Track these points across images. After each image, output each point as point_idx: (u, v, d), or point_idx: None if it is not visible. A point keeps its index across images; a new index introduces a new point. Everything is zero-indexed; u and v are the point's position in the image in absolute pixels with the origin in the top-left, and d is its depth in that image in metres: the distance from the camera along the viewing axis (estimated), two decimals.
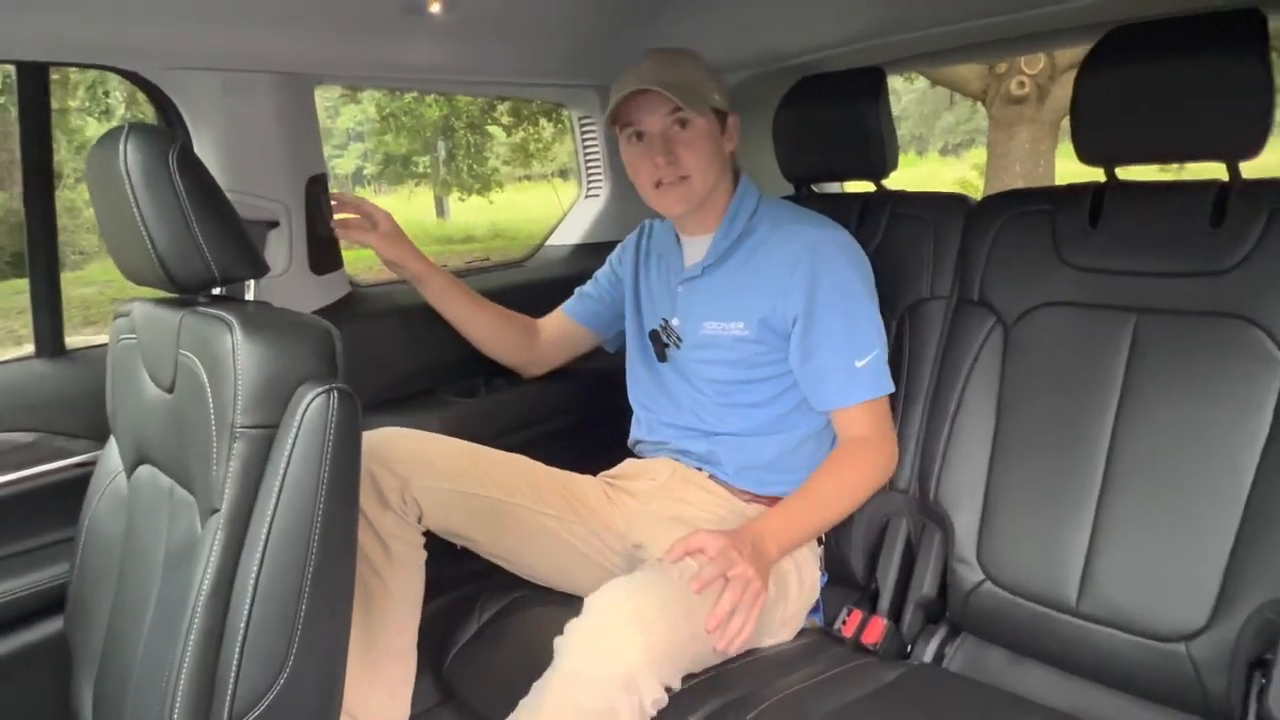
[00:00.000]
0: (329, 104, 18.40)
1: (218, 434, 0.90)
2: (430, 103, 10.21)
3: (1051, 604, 1.20)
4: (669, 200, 1.37)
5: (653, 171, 1.34)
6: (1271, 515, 1.05)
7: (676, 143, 1.32)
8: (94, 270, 9.05)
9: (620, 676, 1.01)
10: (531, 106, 9.44)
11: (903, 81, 15.67)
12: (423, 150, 12.40)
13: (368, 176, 19.89)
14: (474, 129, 10.70)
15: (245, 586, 0.87)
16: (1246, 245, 1.12)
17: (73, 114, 8.25)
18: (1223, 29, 1.12)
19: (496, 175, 11.92)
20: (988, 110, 7.75)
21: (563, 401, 1.75)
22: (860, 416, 1.32)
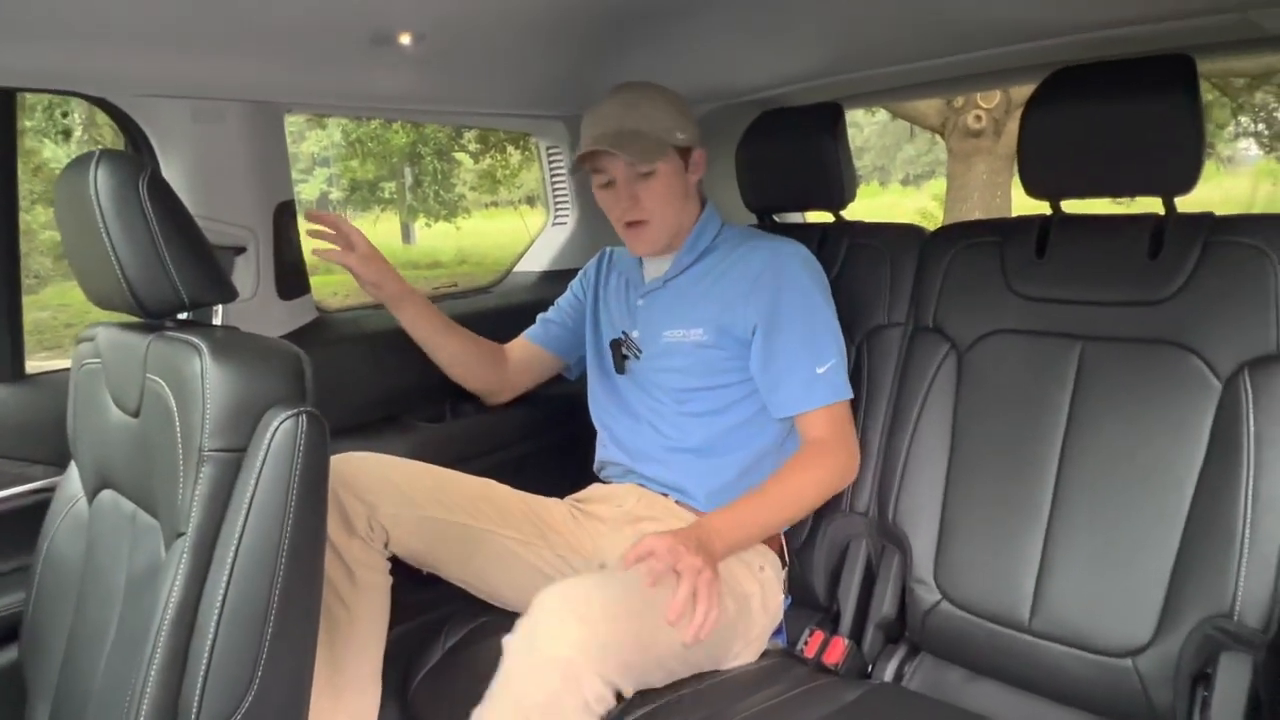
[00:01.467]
0: (295, 129, 18.30)
1: (184, 458, 0.90)
2: (397, 129, 10.21)
3: (1005, 622, 1.24)
4: (637, 242, 1.44)
5: (620, 214, 1.42)
6: (1209, 533, 1.10)
7: (639, 187, 1.39)
8: (49, 294, 8.86)
9: (558, 663, 1.01)
10: (499, 134, 9.50)
11: (864, 114, 16.02)
12: (389, 176, 12.37)
13: (333, 202, 19.77)
14: (441, 155, 10.72)
15: (210, 611, 0.87)
16: (1182, 276, 1.18)
17: (29, 135, 8.12)
18: (1157, 73, 1.18)
19: (463, 202, 11.93)
20: (946, 143, 7.96)
21: (529, 426, 1.76)
22: (820, 420, 1.35)
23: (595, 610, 1.06)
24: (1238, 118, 9.27)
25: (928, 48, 1.48)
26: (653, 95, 1.40)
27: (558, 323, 1.65)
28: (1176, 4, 1.21)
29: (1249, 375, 1.10)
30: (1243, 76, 7.51)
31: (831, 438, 1.35)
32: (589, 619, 1.04)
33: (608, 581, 1.13)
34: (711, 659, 1.27)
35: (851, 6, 1.31)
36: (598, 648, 1.04)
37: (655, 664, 1.15)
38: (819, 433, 1.35)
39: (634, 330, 1.49)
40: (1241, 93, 8.51)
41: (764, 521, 1.30)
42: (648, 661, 1.13)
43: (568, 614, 1.05)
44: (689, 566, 1.11)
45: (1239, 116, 9.20)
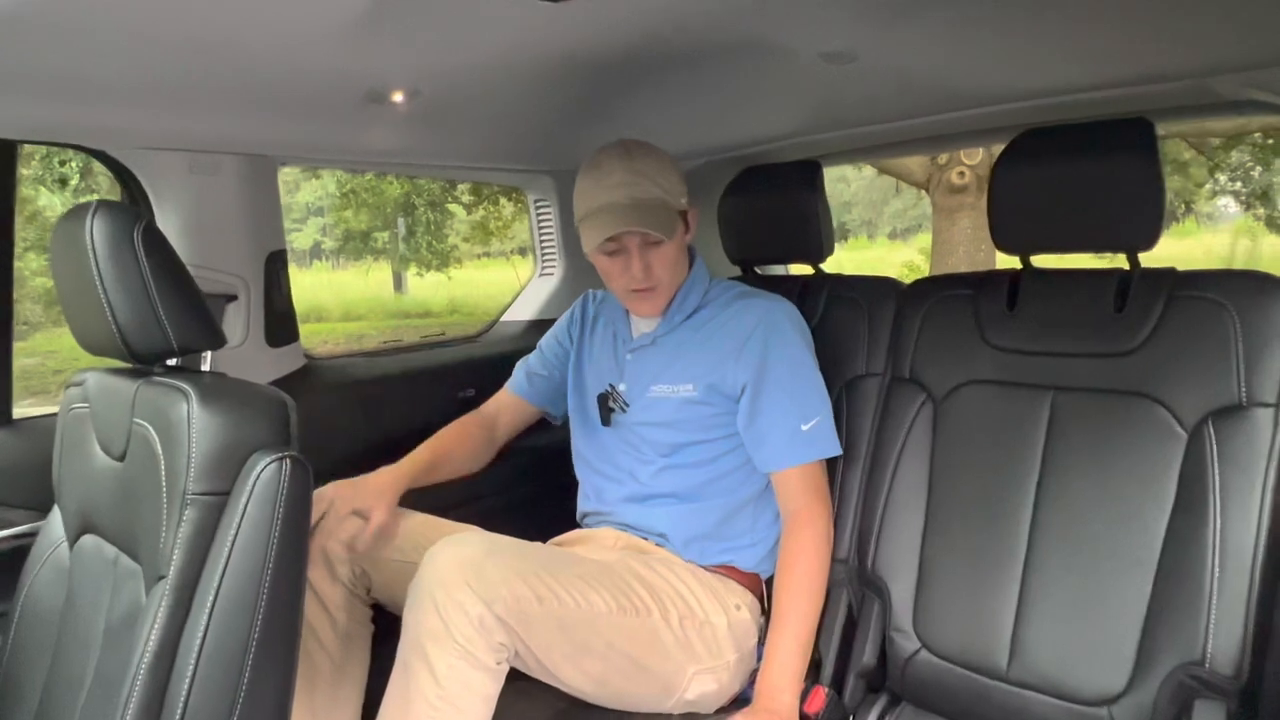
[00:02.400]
0: (289, 179, 18.50)
1: (168, 501, 0.91)
2: (391, 180, 10.35)
3: (984, 671, 1.24)
4: (645, 304, 1.45)
5: (628, 281, 1.41)
6: (1180, 581, 1.11)
7: (650, 255, 1.39)
8: (38, 341, 8.84)
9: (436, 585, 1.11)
10: (492, 186, 9.63)
11: (852, 169, 16.33)
12: (383, 226, 12.49)
13: (326, 251, 19.90)
14: (434, 207, 10.85)
15: (189, 654, 0.87)
16: (1147, 328, 1.21)
17: (25, 183, 8.20)
18: (1118, 136, 1.23)
19: (456, 252, 12.03)
20: (931, 198, 8.12)
21: (513, 476, 1.77)
22: (801, 479, 1.37)
23: (476, 545, 1.16)
24: (1215, 176, 9.50)
25: (902, 110, 1.54)
26: (656, 158, 1.41)
27: (543, 375, 1.64)
28: (1137, 71, 1.27)
29: (1213, 425, 1.13)
30: (1218, 136, 7.73)
31: (811, 501, 1.36)
32: (467, 550, 1.14)
33: (497, 535, 1.23)
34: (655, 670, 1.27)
35: (828, 72, 1.37)
36: (474, 571, 1.11)
37: (564, 627, 1.17)
38: (798, 499, 1.36)
39: (621, 383, 1.50)
40: (1218, 151, 8.75)
41: (805, 638, 1.30)
42: (549, 616, 1.16)
43: (448, 549, 1.14)
44: None
45: (1216, 175, 9.44)
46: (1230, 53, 1.18)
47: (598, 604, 1.21)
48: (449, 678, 1.09)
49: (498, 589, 1.11)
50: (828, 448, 1.38)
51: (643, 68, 1.42)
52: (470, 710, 1.11)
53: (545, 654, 1.17)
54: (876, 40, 1.25)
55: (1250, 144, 8.46)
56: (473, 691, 1.10)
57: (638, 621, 1.25)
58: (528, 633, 1.14)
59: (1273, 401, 1.11)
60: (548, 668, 1.19)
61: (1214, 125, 7.38)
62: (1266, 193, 9.46)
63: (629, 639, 1.24)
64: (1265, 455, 1.10)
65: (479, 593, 1.10)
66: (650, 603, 1.28)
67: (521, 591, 1.13)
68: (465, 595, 1.09)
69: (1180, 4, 1.08)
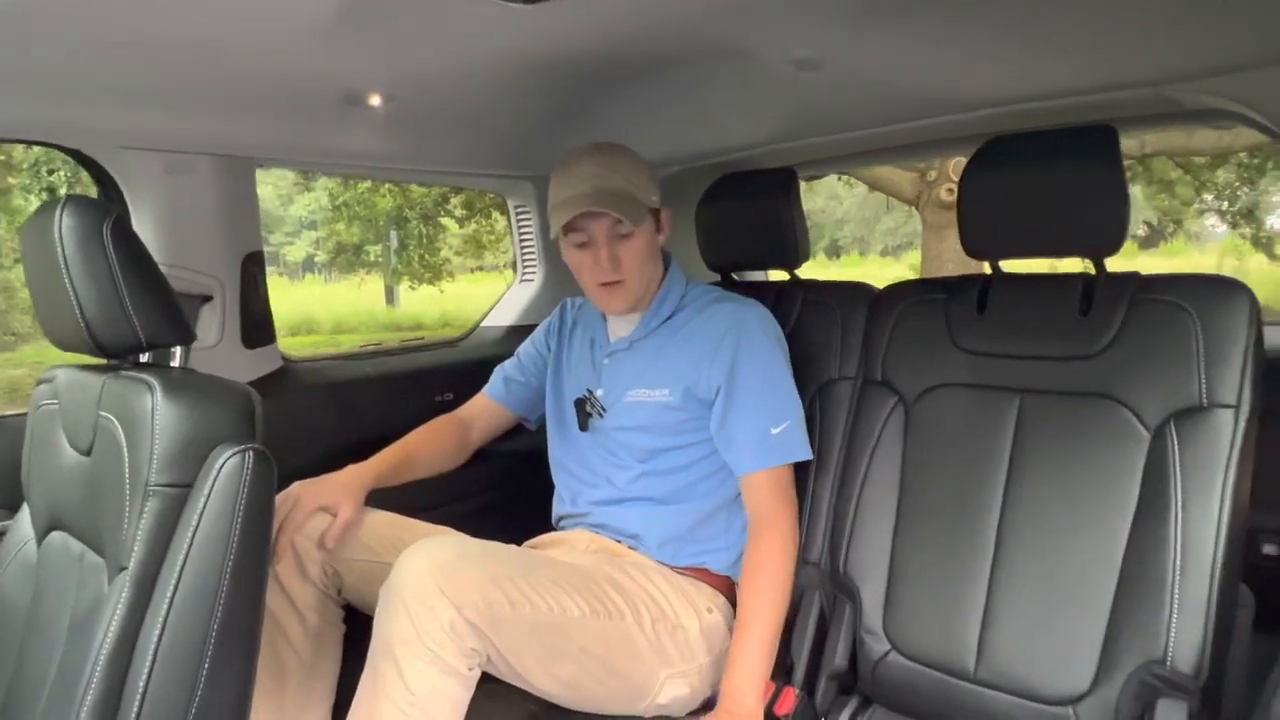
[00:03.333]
0: (282, 192, 18.53)
1: (131, 492, 0.92)
2: (384, 193, 10.37)
3: (952, 672, 1.25)
4: (612, 300, 1.44)
5: (596, 274, 1.42)
6: (1142, 581, 1.12)
7: (619, 248, 1.40)
8: (25, 352, 8.82)
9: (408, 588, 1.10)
10: (485, 200, 9.66)
11: (844, 187, 16.42)
12: (375, 239, 12.51)
13: (319, 264, 19.91)
14: (427, 220, 10.87)
15: (148, 645, 0.87)
16: (1111, 331, 1.23)
17: (15, 192, 8.19)
18: (1082, 142, 1.25)
19: (448, 265, 12.05)
20: (920, 215, 8.18)
21: (489, 479, 1.77)
22: (768, 483, 1.37)
23: (447, 550, 1.15)
24: (1201, 195, 9.60)
25: (873, 117, 1.57)
26: (628, 157, 1.43)
27: (521, 381, 1.65)
28: (1099, 78, 1.29)
29: (1175, 426, 1.15)
30: (1204, 154, 7.82)
31: (776, 506, 1.37)
32: (438, 554, 1.13)
33: (470, 538, 1.23)
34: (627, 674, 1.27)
35: (799, 79, 1.39)
36: (445, 576, 1.10)
37: (536, 632, 1.16)
38: (764, 503, 1.37)
39: (598, 388, 1.51)
40: (1203, 170, 8.84)
41: (770, 639, 1.30)
42: (521, 621, 1.15)
43: (419, 553, 1.13)
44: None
45: (1203, 194, 9.54)
46: (1187, 60, 1.21)
47: (570, 608, 1.21)
48: (419, 683, 1.08)
49: (469, 594, 1.10)
50: (797, 452, 1.39)
51: (618, 73, 1.45)
52: (440, 715, 1.10)
53: (517, 658, 1.17)
54: (845, 48, 1.27)
55: (1236, 163, 8.56)
56: (443, 696, 1.10)
57: (610, 625, 1.25)
58: (499, 637, 1.13)
59: (1233, 403, 1.12)
60: (519, 672, 1.18)
61: (1200, 144, 7.48)
62: (1252, 211, 9.56)
63: (601, 643, 1.24)
64: (1225, 455, 1.11)
65: (451, 597, 1.09)
66: (623, 607, 1.28)
67: (494, 596, 1.13)
68: (437, 600, 1.09)
69: (1139, 12, 1.11)
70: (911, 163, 6.31)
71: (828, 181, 15.61)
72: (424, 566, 1.11)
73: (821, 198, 20.13)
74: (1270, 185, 9.90)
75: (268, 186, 18.74)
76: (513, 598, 1.14)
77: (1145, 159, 7.97)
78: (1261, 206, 10.01)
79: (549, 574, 1.23)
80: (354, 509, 1.33)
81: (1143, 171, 8.85)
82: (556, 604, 1.19)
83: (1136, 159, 7.71)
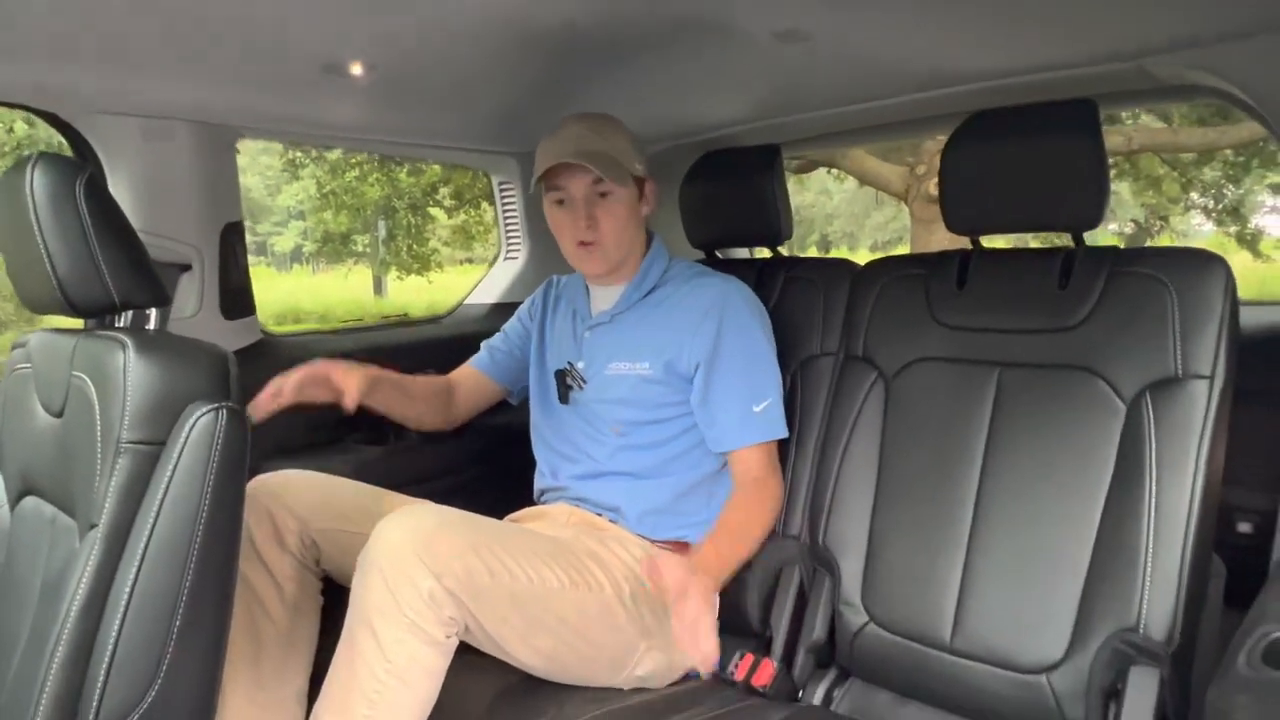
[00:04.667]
0: (269, 181, 18.43)
1: (103, 450, 0.91)
2: (372, 182, 10.33)
3: (928, 642, 1.25)
4: (589, 261, 1.45)
5: (575, 233, 1.42)
6: (1116, 550, 1.13)
7: (597, 208, 1.41)
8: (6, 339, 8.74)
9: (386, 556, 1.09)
10: (474, 190, 9.62)
11: (834, 181, 16.46)
12: (363, 229, 12.45)
13: (307, 255, 19.80)
14: (415, 210, 10.83)
15: (118, 603, 0.87)
16: (1089, 304, 1.24)
17: None
18: (1063, 116, 1.26)
19: (436, 256, 12.01)
20: (909, 209, 8.21)
21: (470, 454, 1.77)
22: (753, 458, 1.39)
23: (427, 518, 1.14)
24: (1188, 193, 9.66)
25: (856, 93, 1.57)
26: (613, 123, 1.45)
27: (504, 351, 1.66)
28: (1080, 52, 1.30)
29: (1150, 398, 1.16)
30: (1191, 151, 7.87)
31: (764, 476, 1.39)
32: (418, 523, 1.12)
33: (450, 508, 1.20)
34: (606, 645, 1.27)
35: (783, 53, 1.38)
36: (424, 544, 1.09)
37: (516, 602, 1.16)
38: (752, 471, 1.39)
39: (579, 361, 1.51)
40: (1190, 168, 8.90)
41: (741, 553, 1.34)
42: (500, 590, 1.14)
43: (399, 521, 1.12)
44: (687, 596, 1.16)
45: (1189, 192, 9.60)
46: (1165, 33, 1.21)
47: (550, 579, 1.21)
48: (396, 651, 1.08)
49: (449, 562, 1.10)
50: (778, 430, 1.40)
51: (602, 46, 1.44)
52: (417, 684, 1.10)
53: (496, 629, 1.16)
54: (827, 20, 1.27)
55: (1222, 160, 8.62)
56: (420, 665, 1.09)
57: (590, 597, 1.25)
58: (478, 607, 1.13)
59: (1207, 373, 1.13)
60: (498, 642, 1.18)
61: (1187, 140, 7.53)
62: (1237, 209, 9.63)
63: (580, 614, 1.24)
64: (1200, 426, 1.12)
65: (429, 566, 1.08)
66: (603, 579, 1.28)
67: (473, 564, 1.12)
68: (415, 568, 1.08)
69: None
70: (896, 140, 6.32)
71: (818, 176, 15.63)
72: (403, 535, 1.10)
73: (812, 193, 20.17)
74: (1255, 184, 9.97)
75: (255, 176, 18.64)
76: (492, 567, 1.14)
77: (1133, 155, 8.01)
78: (1247, 204, 10.08)
79: (529, 545, 1.23)
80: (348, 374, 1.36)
81: (1130, 168, 8.91)
82: (536, 574, 1.19)
83: (1124, 155, 7.76)
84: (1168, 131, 7.70)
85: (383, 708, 1.08)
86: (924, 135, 3.18)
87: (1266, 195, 11.14)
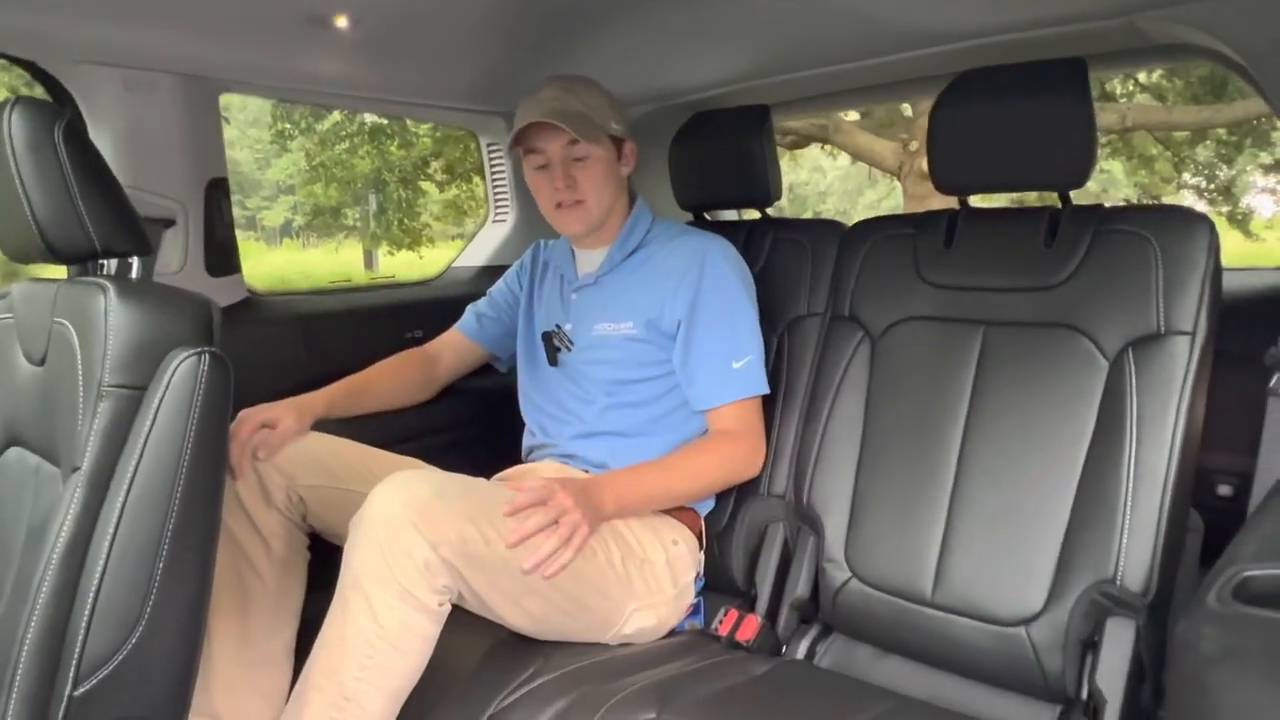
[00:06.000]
0: (259, 155, 18.24)
1: (85, 394, 0.91)
2: (362, 154, 10.23)
3: (909, 597, 1.27)
4: (568, 221, 1.45)
5: (553, 194, 1.42)
6: (1095, 504, 1.14)
7: (574, 169, 1.41)
8: None
9: (383, 524, 1.08)
10: (466, 163, 9.54)
11: (828, 159, 16.38)
12: (353, 203, 12.35)
13: (297, 229, 19.65)
14: (406, 183, 10.74)
15: (101, 546, 0.87)
16: (1074, 262, 1.24)
17: None
18: (1052, 75, 1.25)
19: (428, 230, 11.92)
20: (902, 185, 8.19)
21: (459, 415, 1.77)
22: (730, 415, 1.39)
23: (423, 486, 1.12)
24: (1181, 173, 9.66)
25: (846, 52, 1.56)
26: (588, 84, 1.44)
27: (491, 317, 1.66)
28: (1069, 9, 1.29)
29: (1133, 354, 1.16)
30: (1185, 129, 7.86)
31: (738, 430, 1.39)
32: (414, 490, 1.11)
33: (445, 473, 1.19)
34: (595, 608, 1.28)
35: (772, 8, 1.37)
36: (420, 512, 1.08)
37: (509, 569, 1.15)
38: (727, 426, 1.40)
39: (566, 323, 1.51)
40: (1183, 147, 8.89)
41: (663, 487, 1.33)
42: (495, 559, 1.13)
43: (395, 487, 1.11)
44: (557, 504, 1.15)
45: (1182, 172, 9.60)
46: None
47: (543, 546, 1.20)
48: (389, 618, 1.08)
49: (445, 531, 1.09)
50: (758, 386, 1.40)
51: (596, 4, 1.43)
52: (410, 650, 1.10)
53: (488, 594, 1.16)
54: None
55: (1215, 139, 8.61)
56: (413, 632, 1.09)
57: (581, 562, 1.24)
58: (472, 574, 1.13)
59: (1189, 330, 1.14)
60: (490, 606, 1.18)
61: (1180, 119, 7.51)
62: (1229, 189, 9.63)
63: (572, 579, 1.23)
64: (1180, 381, 1.13)
65: (425, 535, 1.08)
66: (593, 543, 1.28)
67: (469, 533, 1.12)
68: (411, 537, 1.07)
69: None
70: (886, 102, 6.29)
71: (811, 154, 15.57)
72: (399, 502, 1.09)
73: (805, 170, 20.09)
74: (1247, 163, 9.98)
75: (244, 150, 18.45)
76: (487, 535, 1.13)
77: (1126, 133, 8.01)
78: (1238, 185, 10.08)
79: None
80: (296, 422, 1.33)
81: (1123, 147, 8.90)
82: (530, 541, 1.19)
83: (1118, 133, 7.75)
84: (1162, 110, 7.69)
85: (374, 672, 1.08)
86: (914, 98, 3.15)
87: (1258, 176, 11.15)
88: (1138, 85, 8.30)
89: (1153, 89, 8.22)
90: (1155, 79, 8.01)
